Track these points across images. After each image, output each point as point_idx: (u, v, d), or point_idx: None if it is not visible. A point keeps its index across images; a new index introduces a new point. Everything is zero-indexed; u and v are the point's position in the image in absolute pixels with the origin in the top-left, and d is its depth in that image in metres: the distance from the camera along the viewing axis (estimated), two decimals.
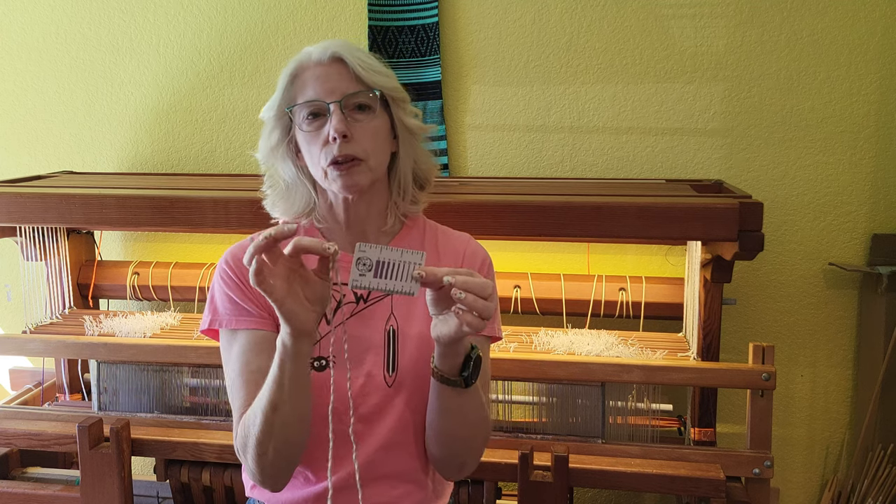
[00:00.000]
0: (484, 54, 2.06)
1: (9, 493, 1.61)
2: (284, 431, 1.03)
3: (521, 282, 1.90)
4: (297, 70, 1.12)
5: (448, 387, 1.05)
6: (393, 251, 0.93)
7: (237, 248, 1.17)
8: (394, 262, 0.93)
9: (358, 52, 1.12)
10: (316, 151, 1.10)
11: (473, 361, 1.03)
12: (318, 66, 1.11)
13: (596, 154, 2.06)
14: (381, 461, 1.14)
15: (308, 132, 1.10)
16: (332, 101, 1.08)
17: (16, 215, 1.75)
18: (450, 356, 1.02)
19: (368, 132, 1.10)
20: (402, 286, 0.93)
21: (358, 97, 1.10)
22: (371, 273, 0.93)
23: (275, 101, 1.14)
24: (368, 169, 1.10)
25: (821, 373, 2.06)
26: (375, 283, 0.93)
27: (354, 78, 1.10)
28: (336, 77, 1.10)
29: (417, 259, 0.93)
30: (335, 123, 1.07)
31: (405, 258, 0.93)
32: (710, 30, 1.97)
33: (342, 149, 1.08)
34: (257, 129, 2.16)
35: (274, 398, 1.00)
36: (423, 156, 1.20)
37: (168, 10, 2.17)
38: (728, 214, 1.53)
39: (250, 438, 1.04)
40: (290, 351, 0.97)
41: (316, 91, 1.09)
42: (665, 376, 1.56)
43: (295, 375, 0.99)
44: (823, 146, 1.98)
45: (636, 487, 1.52)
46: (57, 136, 2.27)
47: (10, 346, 1.77)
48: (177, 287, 2.01)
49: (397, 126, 1.15)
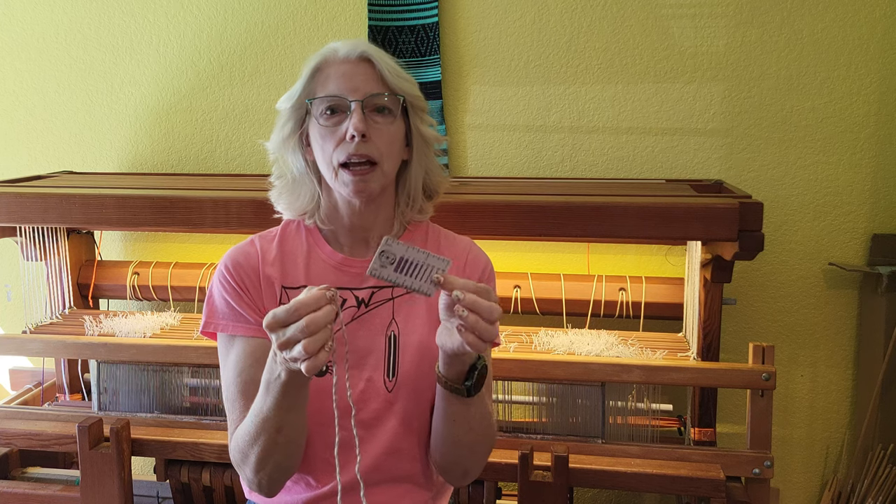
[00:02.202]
0: (484, 54, 2.06)
1: (9, 493, 1.61)
2: (287, 448, 1.05)
3: (521, 282, 1.90)
4: (322, 64, 1.11)
5: (452, 394, 1.05)
6: (419, 252, 0.93)
7: (237, 253, 1.17)
8: (418, 263, 0.93)
9: (386, 55, 1.12)
10: (329, 148, 1.09)
11: (479, 372, 1.03)
12: (345, 62, 1.10)
13: (596, 154, 2.06)
14: (381, 466, 1.14)
15: (324, 126, 1.09)
16: (355, 100, 1.07)
17: (16, 215, 1.75)
18: (454, 364, 1.02)
19: (385, 135, 1.09)
20: (419, 286, 0.93)
21: (381, 99, 1.09)
22: (392, 267, 0.93)
23: (294, 93, 1.13)
24: (381, 174, 1.10)
25: (821, 373, 2.06)
26: (394, 276, 0.94)
27: (380, 79, 1.09)
28: (362, 76, 1.09)
29: (442, 266, 0.93)
30: (355, 122, 1.06)
31: (430, 262, 0.93)
32: (710, 30, 1.97)
33: (359, 148, 1.07)
34: (257, 128, 2.18)
35: (279, 421, 1.00)
36: (435, 166, 1.19)
37: (168, 10, 2.17)
38: (728, 214, 1.53)
39: (250, 456, 1.05)
40: (303, 378, 0.96)
41: (339, 87, 1.09)
42: (665, 376, 1.56)
43: (303, 396, 1.01)
44: (823, 146, 1.98)
45: (636, 487, 1.52)
46: (57, 136, 2.27)
47: (10, 346, 1.77)
48: (177, 287, 2.01)
49: (413, 134, 1.14)
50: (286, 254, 1.17)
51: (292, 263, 1.16)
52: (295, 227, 1.20)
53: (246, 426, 1.05)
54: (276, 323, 0.90)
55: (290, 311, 0.89)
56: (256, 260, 1.16)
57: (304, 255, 1.17)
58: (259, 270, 1.15)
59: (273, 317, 0.90)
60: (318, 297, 0.90)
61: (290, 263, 1.17)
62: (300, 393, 1.00)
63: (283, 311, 0.89)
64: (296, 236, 1.19)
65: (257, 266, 1.15)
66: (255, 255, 1.16)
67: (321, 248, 1.17)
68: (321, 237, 1.18)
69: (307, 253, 1.17)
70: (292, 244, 1.18)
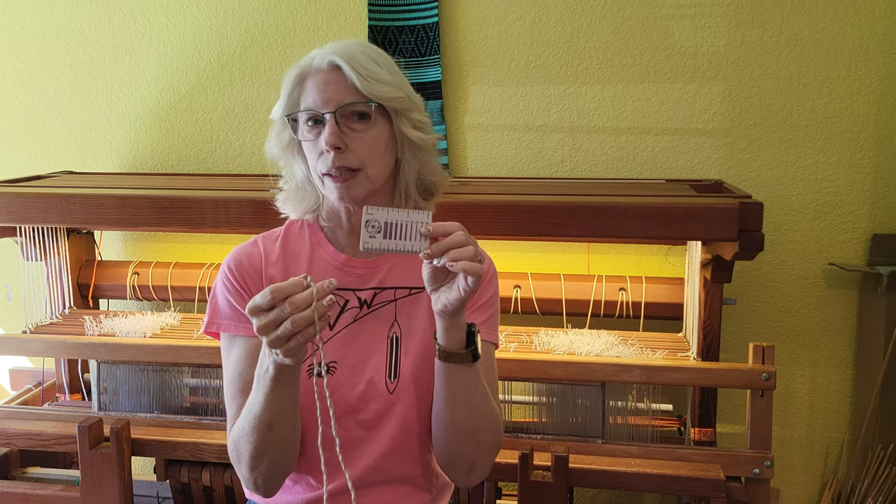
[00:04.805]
0: (484, 54, 2.06)
1: (9, 493, 1.61)
2: (280, 446, 1.05)
3: (521, 282, 1.90)
4: (301, 74, 1.11)
5: (455, 366, 1.05)
6: (400, 212, 0.96)
7: (240, 253, 1.17)
8: (401, 222, 0.96)
9: (363, 57, 1.09)
10: (314, 159, 1.10)
11: (476, 335, 1.06)
12: (318, 72, 1.09)
13: (596, 154, 2.06)
14: (382, 467, 1.13)
15: (308, 140, 1.10)
16: (327, 112, 1.07)
17: (16, 215, 1.75)
18: (454, 329, 1.04)
19: (365, 142, 1.08)
20: (411, 245, 0.96)
21: (354, 107, 1.08)
22: (380, 235, 0.96)
23: (281, 104, 1.13)
24: (366, 178, 1.09)
25: (821, 373, 2.06)
26: (385, 243, 0.96)
27: (351, 87, 1.07)
28: (334, 86, 1.08)
29: (424, 218, 0.96)
30: (327, 136, 1.06)
31: (412, 218, 0.96)
32: (710, 30, 1.97)
33: (336, 160, 1.07)
34: (257, 128, 2.18)
35: (270, 417, 1.01)
36: (429, 166, 1.17)
37: (168, 10, 2.17)
38: (728, 214, 1.53)
39: (244, 454, 1.06)
40: (290, 372, 0.99)
41: (314, 99, 1.08)
42: (665, 376, 1.56)
43: (292, 393, 1.02)
44: (823, 146, 1.98)
45: (636, 487, 1.52)
46: (57, 136, 2.27)
47: (10, 346, 1.77)
48: (177, 287, 2.01)
49: (398, 136, 1.13)
50: (289, 254, 1.17)
51: (295, 264, 1.17)
52: (298, 227, 1.20)
53: (240, 424, 1.06)
54: (255, 308, 0.92)
55: (265, 294, 0.91)
56: (259, 260, 1.16)
57: (308, 255, 1.17)
58: (262, 271, 1.15)
59: (252, 301, 0.92)
60: (296, 283, 0.93)
61: (293, 264, 1.17)
62: (289, 388, 1.01)
63: (260, 296, 0.92)
64: (299, 237, 1.19)
65: (260, 266, 1.15)
66: (258, 256, 1.16)
67: (324, 249, 1.18)
68: (324, 238, 1.18)
69: (310, 253, 1.17)
70: (296, 245, 1.19)
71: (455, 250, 0.97)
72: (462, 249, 0.97)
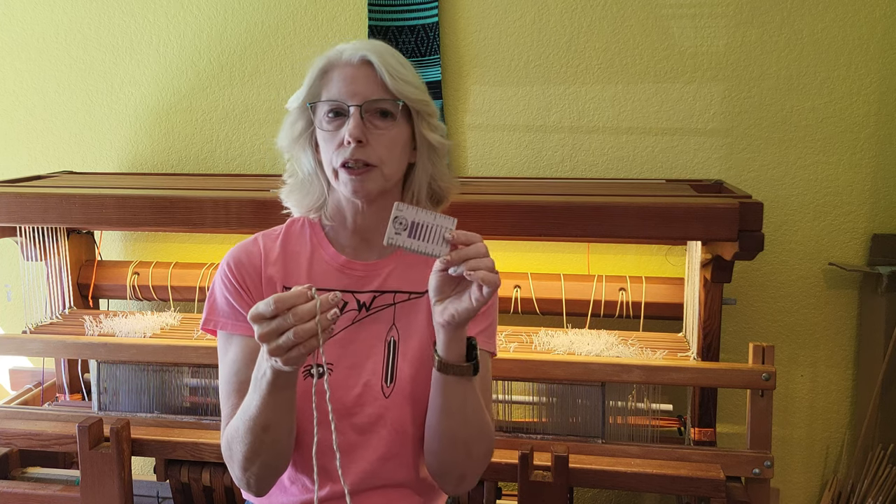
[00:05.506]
0: (484, 54, 2.06)
1: (9, 493, 1.61)
2: (274, 447, 1.05)
3: (521, 282, 1.90)
4: (327, 66, 1.11)
5: (453, 378, 1.05)
6: (427, 214, 0.99)
7: (240, 251, 1.16)
8: (428, 224, 0.99)
9: (391, 57, 1.10)
10: (330, 150, 1.09)
11: (476, 349, 1.06)
12: (347, 66, 1.09)
13: (596, 154, 2.06)
14: (377, 471, 1.13)
15: (326, 131, 1.10)
16: (353, 105, 1.07)
17: (16, 215, 1.75)
18: (455, 341, 1.03)
19: (385, 140, 1.09)
20: (432, 248, 0.99)
21: (380, 104, 1.08)
22: (406, 233, 0.99)
23: (300, 94, 1.13)
24: (381, 176, 1.09)
25: (821, 373, 2.06)
26: (409, 242, 0.99)
27: (381, 84, 1.08)
28: (363, 80, 1.08)
29: (449, 224, 0.99)
30: (351, 128, 1.06)
31: (438, 221, 0.99)
32: (710, 30, 1.97)
33: (355, 153, 1.07)
34: (257, 128, 2.18)
35: (265, 420, 1.01)
36: (442, 172, 1.18)
37: (168, 10, 2.17)
38: (728, 214, 1.53)
39: (237, 454, 1.05)
40: (288, 377, 0.98)
41: (340, 91, 1.08)
42: (665, 376, 1.56)
43: (289, 397, 1.02)
44: (823, 146, 1.98)
45: (636, 487, 1.52)
46: (57, 136, 2.27)
47: (10, 346, 1.77)
48: (177, 287, 2.01)
49: (417, 138, 1.13)
50: (289, 254, 1.17)
51: (295, 263, 1.16)
52: (299, 226, 1.20)
53: (235, 424, 1.05)
54: (258, 315, 0.92)
55: (269, 304, 0.91)
56: (259, 259, 1.15)
57: (308, 255, 1.17)
58: (261, 270, 1.15)
59: (255, 309, 0.92)
60: (300, 293, 0.92)
61: (292, 263, 1.16)
62: (285, 393, 1.00)
63: (263, 304, 0.91)
64: (300, 236, 1.19)
65: (259, 265, 1.15)
66: (257, 254, 1.16)
67: (325, 250, 1.17)
68: (325, 238, 1.18)
69: (310, 254, 1.17)
70: (296, 244, 1.18)
71: (475, 259, 0.97)
72: (482, 259, 0.97)
